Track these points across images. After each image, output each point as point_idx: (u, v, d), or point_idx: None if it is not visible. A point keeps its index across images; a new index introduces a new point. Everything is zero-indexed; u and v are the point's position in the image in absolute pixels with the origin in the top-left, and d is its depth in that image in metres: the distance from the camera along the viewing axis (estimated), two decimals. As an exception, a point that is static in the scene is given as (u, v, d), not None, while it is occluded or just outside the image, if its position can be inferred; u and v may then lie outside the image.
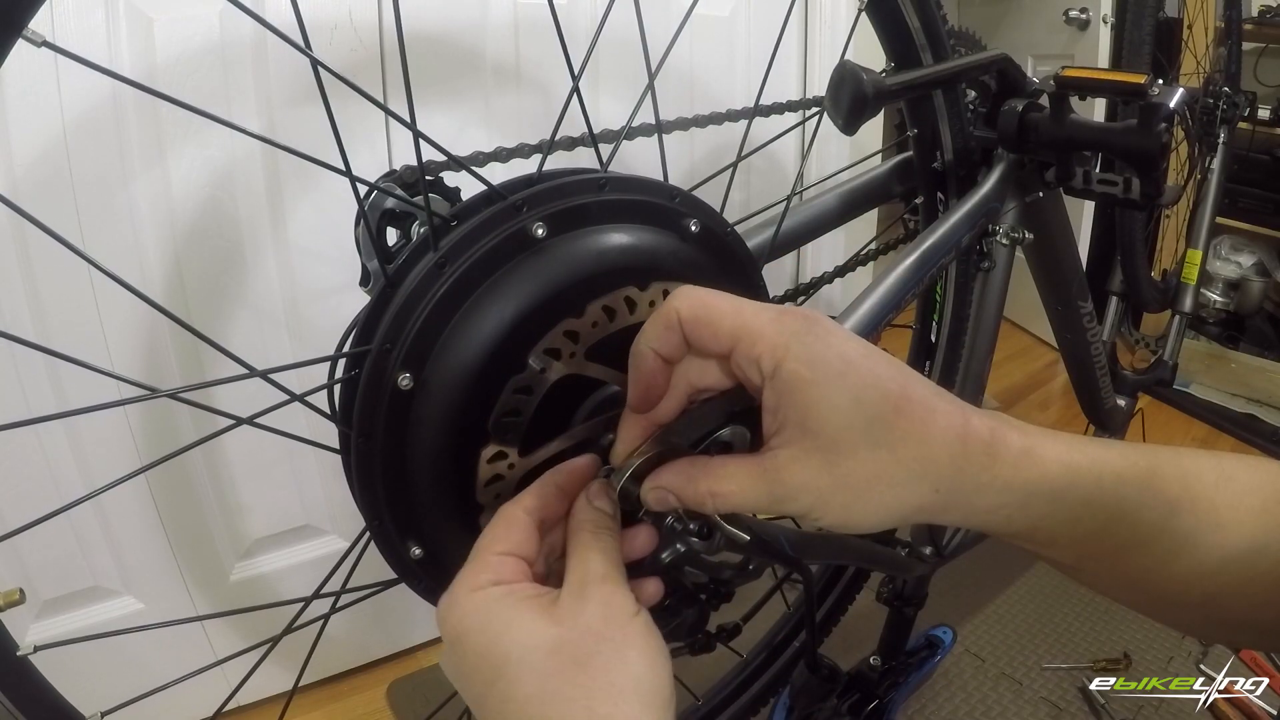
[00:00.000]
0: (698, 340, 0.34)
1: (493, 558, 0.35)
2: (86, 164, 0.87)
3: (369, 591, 0.48)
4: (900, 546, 0.85)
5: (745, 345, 0.32)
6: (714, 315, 0.33)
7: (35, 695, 0.39)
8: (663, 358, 0.35)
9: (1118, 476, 0.34)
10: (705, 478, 0.34)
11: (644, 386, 0.35)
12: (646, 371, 0.35)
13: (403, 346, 0.38)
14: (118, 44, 0.85)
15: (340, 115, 0.38)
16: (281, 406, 0.42)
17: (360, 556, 0.47)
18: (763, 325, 0.32)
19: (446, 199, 0.46)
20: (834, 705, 1.01)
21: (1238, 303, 2.25)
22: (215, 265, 0.97)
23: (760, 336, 0.32)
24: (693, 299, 0.34)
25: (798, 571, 0.49)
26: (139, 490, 1.01)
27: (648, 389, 0.36)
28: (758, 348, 0.32)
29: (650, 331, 0.35)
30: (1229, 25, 1.69)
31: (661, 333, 0.34)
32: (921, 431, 0.32)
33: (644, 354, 0.35)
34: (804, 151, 1.37)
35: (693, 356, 0.35)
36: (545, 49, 1.09)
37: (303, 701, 1.22)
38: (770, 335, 0.32)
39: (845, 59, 0.56)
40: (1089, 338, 0.98)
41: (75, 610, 1.03)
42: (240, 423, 0.41)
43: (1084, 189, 0.73)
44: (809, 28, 1.37)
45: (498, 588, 0.33)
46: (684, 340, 0.34)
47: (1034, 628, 1.34)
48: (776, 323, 0.32)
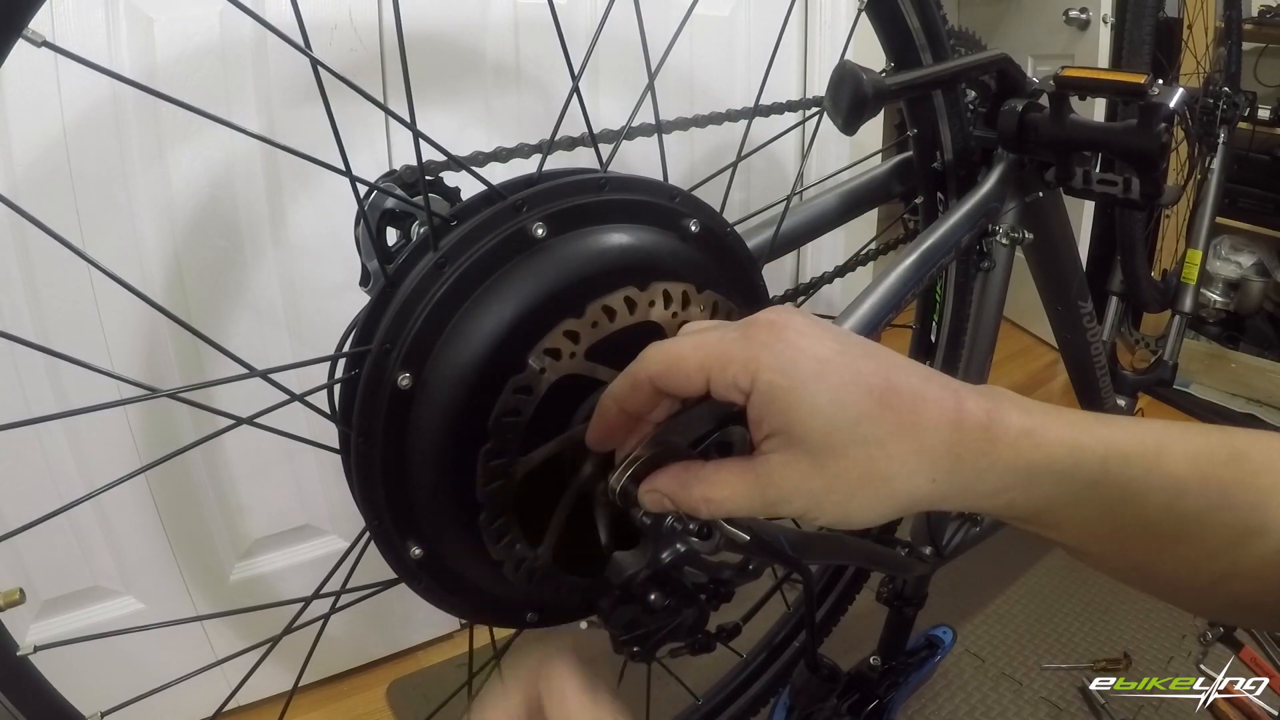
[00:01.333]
0: (674, 390, 0.34)
1: None
2: (86, 164, 0.87)
3: (369, 591, 0.48)
4: (900, 546, 0.85)
5: (718, 373, 0.32)
6: (678, 362, 0.33)
7: (35, 695, 0.39)
8: (628, 414, 0.36)
9: (1124, 456, 0.33)
10: (699, 483, 0.34)
11: (603, 432, 0.37)
12: (608, 421, 0.36)
13: (402, 346, 0.38)
14: (118, 44, 0.85)
15: (340, 115, 0.38)
16: (281, 406, 0.42)
17: (360, 556, 0.47)
18: (728, 348, 0.32)
19: (446, 199, 0.46)
20: (834, 705, 1.01)
21: (1238, 303, 2.24)
22: (215, 265, 0.97)
23: (730, 359, 0.32)
24: (656, 355, 0.34)
25: (798, 571, 0.48)
26: (139, 490, 1.01)
27: (607, 434, 0.37)
28: (730, 370, 0.32)
29: (619, 389, 0.35)
30: (1229, 25, 1.69)
31: (629, 393, 0.35)
32: (912, 421, 0.31)
33: (608, 408, 0.36)
34: (804, 151, 1.37)
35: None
36: (545, 49, 1.09)
37: (303, 701, 1.22)
38: (738, 354, 0.32)
39: (845, 59, 0.56)
40: (1089, 338, 0.97)
41: (75, 610, 1.03)
42: (240, 423, 0.41)
43: (1084, 189, 0.73)
44: (809, 28, 1.37)
45: None
46: (655, 395, 0.34)
47: (1034, 628, 1.34)
48: (742, 340, 0.32)
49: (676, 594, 0.45)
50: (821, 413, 0.31)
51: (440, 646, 1.35)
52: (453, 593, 0.44)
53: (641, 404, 0.35)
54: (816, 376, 0.31)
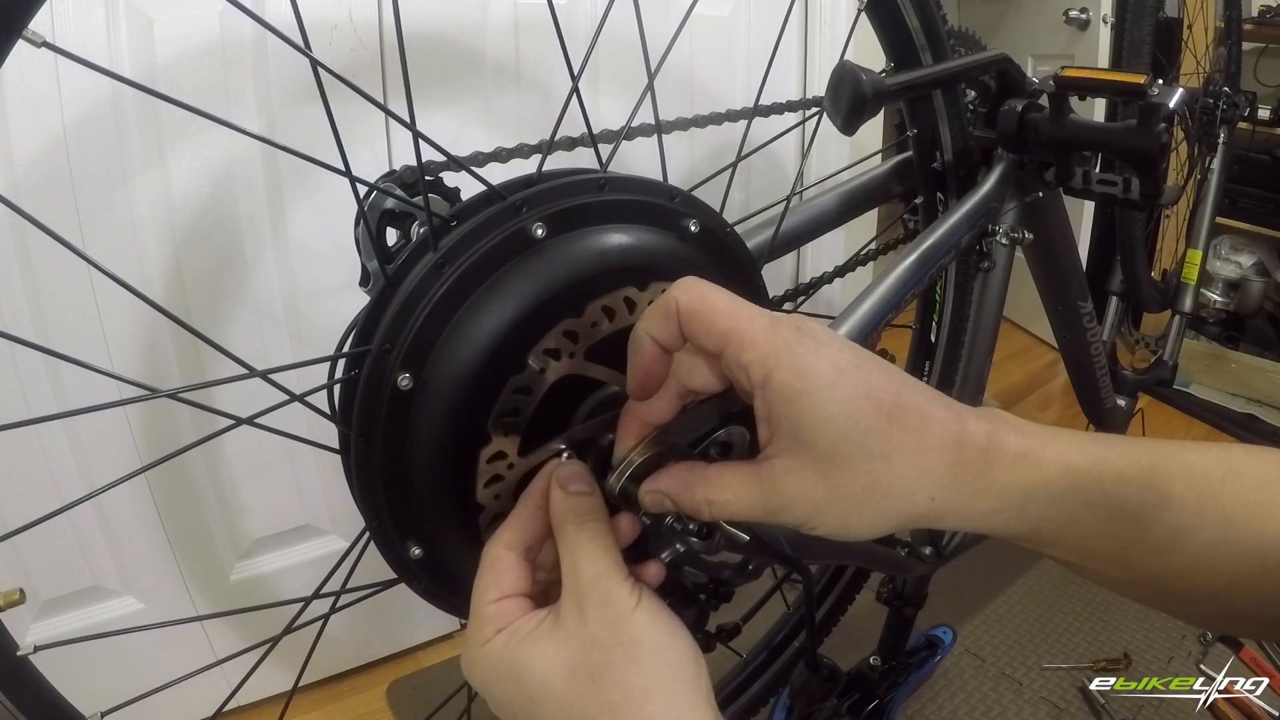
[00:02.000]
0: (692, 334, 0.34)
1: (489, 609, 0.35)
2: (86, 164, 0.87)
3: (369, 591, 0.48)
4: (900, 547, 0.85)
5: (735, 348, 0.32)
6: (709, 312, 0.33)
7: (35, 695, 0.39)
8: (660, 345, 0.35)
9: (1118, 476, 0.33)
10: (702, 486, 0.34)
11: (642, 373, 0.35)
12: (644, 357, 0.35)
13: (402, 346, 0.38)
14: (118, 44, 0.85)
15: (340, 115, 0.38)
16: (281, 406, 0.42)
17: (360, 556, 0.47)
18: (755, 332, 0.32)
19: (446, 199, 0.46)
20: (834, 705, 1.01)
21: (1238, 303, 2.24)
22: (215, 265, 0.97)
23: (751, 343, 0.32)
24: (692, 292, 0.33)
25: (798, 571, 0.49)
26: (139, 490, 1.01)
27: (646, 376, 0.35)
28: (747, 354, 0.32)
29: (649, 319, 0.35)
30: (1229, 25, 1.69)
31: (660, 321, 0.34)
32: (916, 440, 0.31)
33: (642, 339, 0.35)
34: (804, 151, 1.37)
35: (687, 353, 0.35)
36: (545, 49, 1.09)
37: (303, 701, 1.22)
38: (761, 343, 0.32)
39: (845, 59, 0.56)
40: (1089, 338, 0.98)
41: (75, 610, 1.03)
42: (240, 423, 0.41)
43: (1084, 189, 0.73)
44: (809, 28, 1.37)
45: (501, 635, 0.34)
46: (680, 331, 0.34)
47: (1034, 628, 1.34)
48: (769, 330, 0.32)
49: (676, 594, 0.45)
50: (832, 421, 0.31)
51: (440, 646, 1.35)
52: (453, 592, 0.44)
53: (672, 337, 0.34)
54: (831, 385, 0.31)
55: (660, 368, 0.35)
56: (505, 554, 0.36)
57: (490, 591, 0.35)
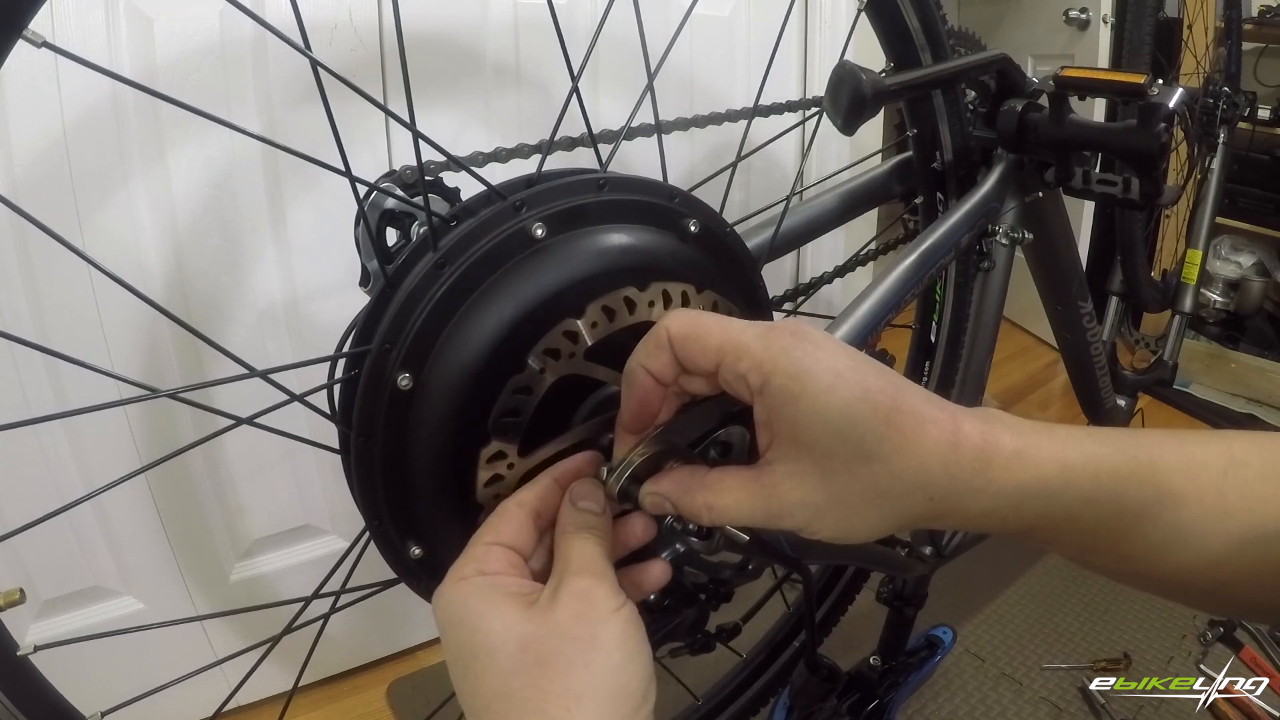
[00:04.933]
0: (687, 357, 0.34)
1: (480, 548, 0.35)
2: (86, 164, 0.87)
3: (369, 591, 0.48)
4: (900, 547, 0.85)
5: (730, 359, 0.32)
6: (701, 332, 0.33)
7: (35, 695, 0.39)
8: (654, 378, 0.35)
9: (1115, 472, 0.33)
10: (702, 490, 0.34)
11: (637, 405, 0.36)
12: (639, 390, 0.35)
13: (402, 347, 0.38)
14: (118, 44, 0.85)
15: (340, 115, 0.38)
16: (281, 406, 0.42)
17: (360, 556, 0.47)
18: (749, 341, 0.32)
19: (446, 199, 0.46)
20: (834, 705, 1.01)
21: (1238, 303, 2.24)
22: (215, 265, 0.97)
23: (746, 351, 0.32)
24: (681, 318, 0.34)
25: (797, 571, 0.49)
26: (139, 490, 1.01)
27: (641, 408, 0.36)
28: (743, 363, 0.32)
29: (642, 351, 0.35)
30: (1229, 25, 1.69)
31: (653, 351, 0.35)
32: (914, 442, 0.32)
33: (636, 372, 0.35)
34: (804, 151, 1.37)
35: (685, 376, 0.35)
36: (545, 49, 1.09)
37: (303, 701, 1.22)
38: (756, 350, 0.32)
39: (845, 59, 0.56)
40: (1089, 338, 0.98)
41: (75, 610, 1.03)
42: (240, 423, 0.41)
43: (1084, 189, 0.73)
44: (809, 28, 1.37)
45: (481, 578, 0.34)
46: (675, 360, 0.34)
47: (1034, 628, 1.34)
48: (763, 338, 0.32)
49: (676, 594, 0.45)
50: (830, 424, 0.31)
51: (440, 646, 1.35)
52: (453, 593, 0.44)
53: (666, 368, 0.35)
54: (829, 389, 0.31)
55: (655, 400, 0.36)
56: (514, 508, 0.37)
57: (487, 534, 0.36)
